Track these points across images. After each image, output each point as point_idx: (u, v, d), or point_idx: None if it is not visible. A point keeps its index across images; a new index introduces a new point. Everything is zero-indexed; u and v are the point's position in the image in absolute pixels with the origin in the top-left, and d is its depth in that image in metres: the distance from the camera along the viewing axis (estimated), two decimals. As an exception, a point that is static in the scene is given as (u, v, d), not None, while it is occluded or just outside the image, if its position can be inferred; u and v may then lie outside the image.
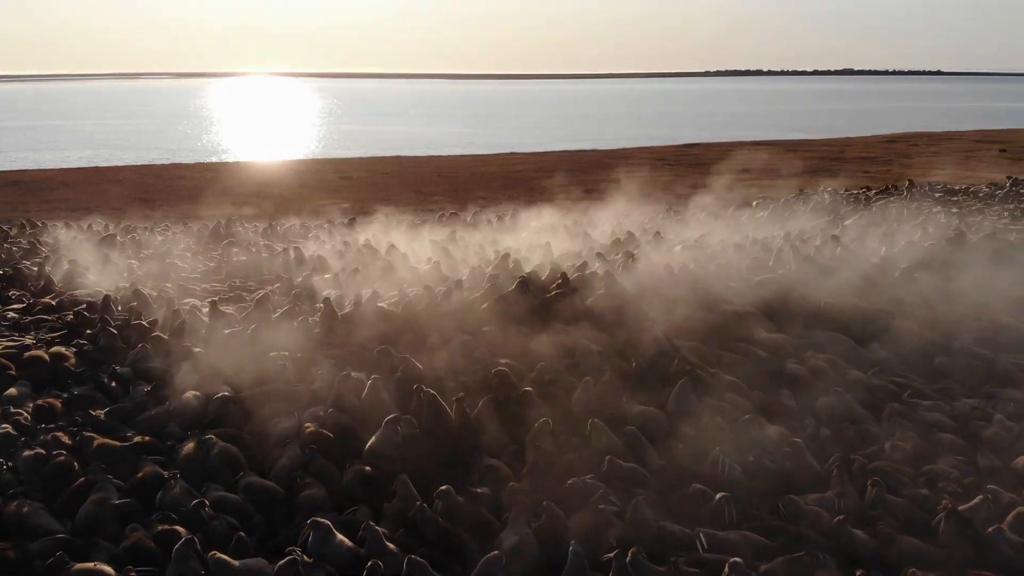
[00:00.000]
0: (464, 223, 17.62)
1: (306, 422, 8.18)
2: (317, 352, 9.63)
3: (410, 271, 12.72)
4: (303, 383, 8.94)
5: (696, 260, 13.12)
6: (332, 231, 16.91)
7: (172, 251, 14.90)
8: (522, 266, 12.50)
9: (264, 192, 26.75)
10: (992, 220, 17.18)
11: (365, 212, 22.05)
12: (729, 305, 11.19)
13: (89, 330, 10.13)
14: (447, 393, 8.71)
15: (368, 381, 8.67)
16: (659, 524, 6.95)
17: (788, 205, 20.29)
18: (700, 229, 16.16)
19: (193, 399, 8.47)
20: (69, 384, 8.88)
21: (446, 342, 10.02)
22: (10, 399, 8.31)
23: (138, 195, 25.76)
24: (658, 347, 9.96)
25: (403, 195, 26.04)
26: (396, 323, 10.46)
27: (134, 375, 9.06)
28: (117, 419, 8.19)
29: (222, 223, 17.07)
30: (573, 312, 10.56)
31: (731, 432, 8.32)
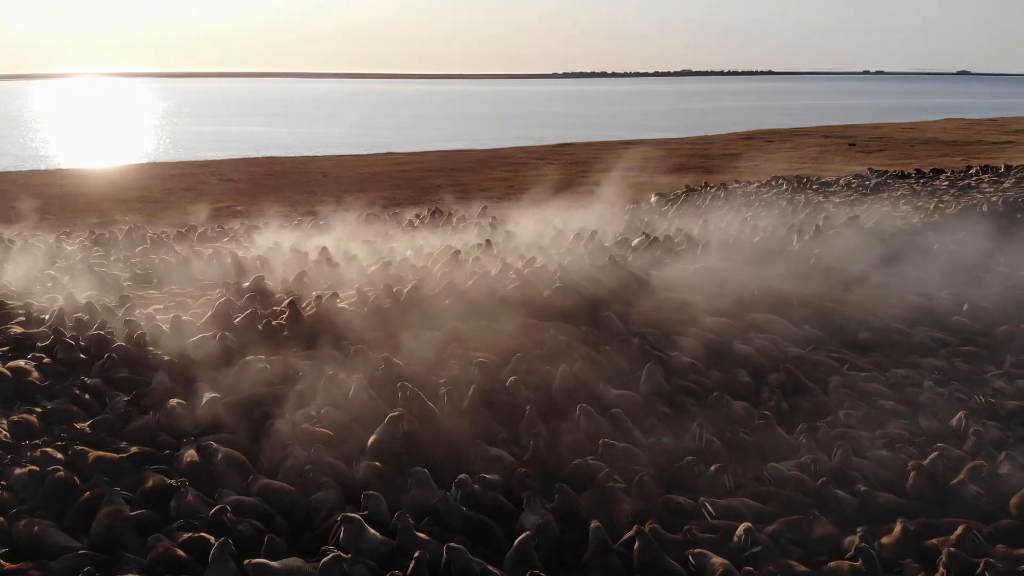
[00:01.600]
0: (384, 222, 17.66)
1: (300, 423, 8.18)
2: (290, 354, 9.57)
3: (358, 271, 12.70)
4: (285, 384, 8.89)
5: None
6: (252, 234, 16.52)
7: (88, 259, 14.21)
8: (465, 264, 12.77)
9: (145, 196, 25.66)
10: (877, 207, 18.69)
11: (263, 215, 21.64)
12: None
13: (41, 343, 9.65)
14: (429, 388, 8.91)
15: (353, 380, 8.74)
16: (664, 496, 7.43)
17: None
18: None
19: (178, 407, 8.29)
20: (37, 399, 8.48)
21: (415, 339, 10.17)
22: (-20, 419, 7.88)
23: (5, 203, 24.11)
24: (618, 334, 10.47)
25: (296, 196, 25.60)
26: (361, 322, 10.50)
27: (106, 386, 8.74)
28: (103, 431, 7.92)
29: (136, 228, 16.37)
30: (541, 306, 10.94)
31: (703, 410, 8.94)
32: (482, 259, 13.21)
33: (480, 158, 38.45)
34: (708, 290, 11.96)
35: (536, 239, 15.10)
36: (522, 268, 12.37)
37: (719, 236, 15.23)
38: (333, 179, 30.45)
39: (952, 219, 16.93)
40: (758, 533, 6.85)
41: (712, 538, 6.88)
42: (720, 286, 12.10)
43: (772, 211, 17.66)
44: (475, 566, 6.40)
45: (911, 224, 16.43)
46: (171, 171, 32.93)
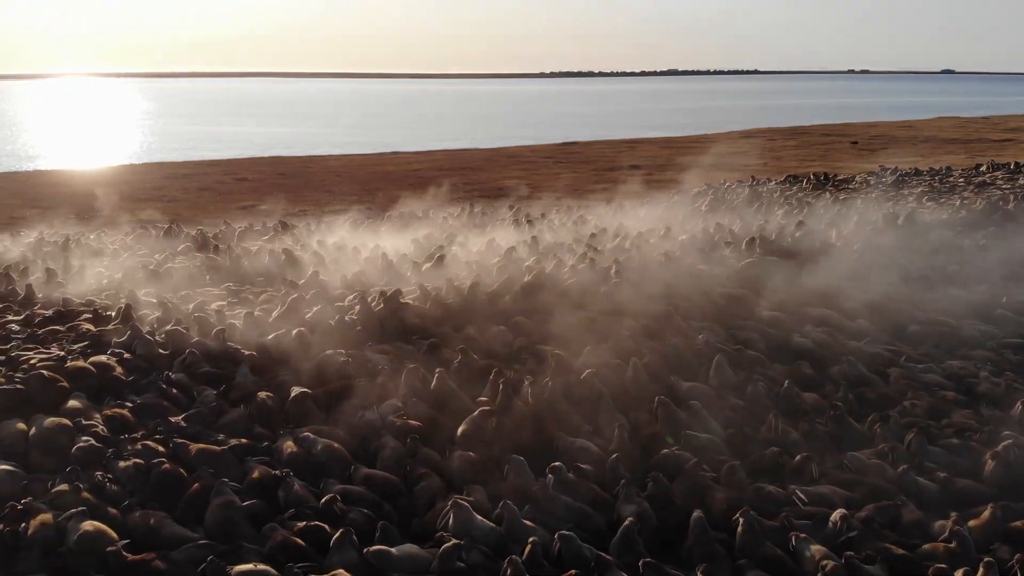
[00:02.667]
0: (419, 220, 17.81)
1: (387, 415, 8.33)
2: (365, 348, 9.70)
3: (411, 268, 12.84)
4: (366, 378, 9.02)
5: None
6: (295, 232, 16.62)
7: (136, 256, 14.31)
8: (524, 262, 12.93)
9: (165, 195, 25.69)
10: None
11: (292, 213, 21.75)
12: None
13: (117, 339, 9.74)
14: (498, 377, 9.05)
15: (435, 373, 8.90)
16: (755, 485, 7.62)
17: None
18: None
19: (268, 400, 8.42)
20: (125, 393, 8.57)
21: (481, 333, 10.33)
22: (75, 411, 7.97)
23: (29, 203, 24.10)
24: (679, 329, 10.66)
25: (316, 195, 25.69)
26: (427, 317, 10.66)
27: (191, 381, 8.85)
28: (198, 424, 8.03)
29: (174, 227, 16.46)
30: (599, 301, 11.12)
31: (775, 400, 9.14)
32: (524, 254, 13.38)
33: (488, 157, 38.60)
34: (758, 284, 12.17)
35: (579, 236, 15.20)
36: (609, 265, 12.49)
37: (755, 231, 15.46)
38: (346, 178, 30.54)
39: (979, 215, 17.23)
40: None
41: (808, 524, 7.06)
42: (768, 281, 12.32)
43: (802, 209, 17.91)
44: (586, 552, 6.56)
45: (940, 220, 16.72)
46: (182, 171, 32.92)
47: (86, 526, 6.39)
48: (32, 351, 9.32)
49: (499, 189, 26.93)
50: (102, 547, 6.25)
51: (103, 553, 6.23)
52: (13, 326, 10.34)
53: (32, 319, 10.64)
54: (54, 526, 6.41)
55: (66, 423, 7.69)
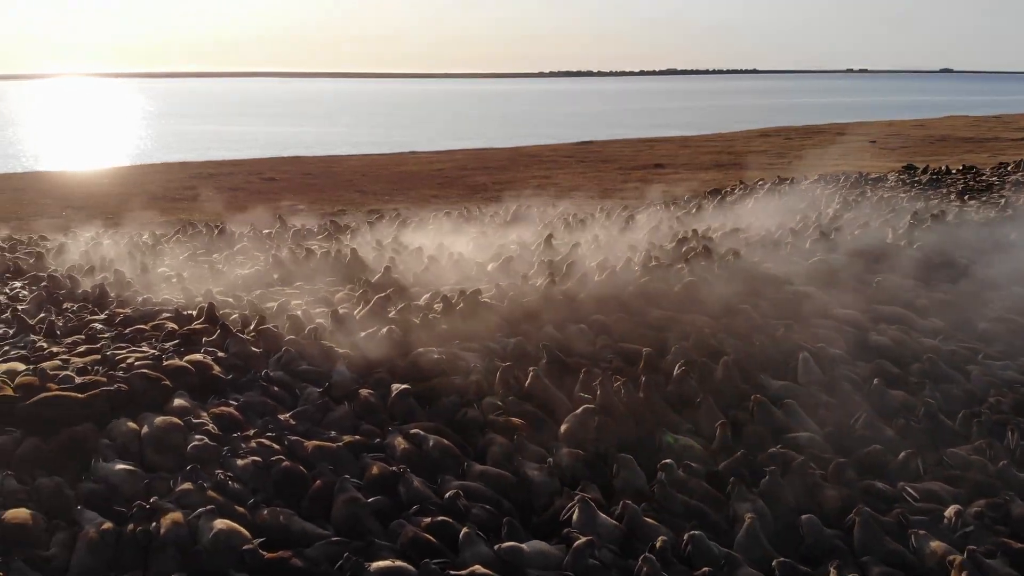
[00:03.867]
0: (466, 219, 17.85)
1: (488, 413, 8.37)
2: (453, 345, 9.74)
3: (476, 267, 12.88)
4: (460, 375, 9.07)
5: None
6: (348, 232, 16.65)
7: (196, 256, 14.35)
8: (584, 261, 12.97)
9: (198, 195, 25.65)
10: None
11: (332, 214, 21.79)
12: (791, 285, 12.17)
13: (207, 338, 9.76)
14: (592, 375, 9.11)
15: (529, 372, 8.95)
16: (865, 482, 7.66)
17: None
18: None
19: (371, 397, 8.46)
20: (226, 391, 8.60)
21: (561, 331, 10.38)
22: (182, 410, 8.00)
23: (62, 202, 24.12)
24: (756, 327, 10.71)
25: (349, 195, 25.71)
26: (508, 315, 10.70)
27: (291, 378, 8.88)
28: (307, 422, 8.06)
29: (228, 227, 16.52)
30: (674, 300, 11.17)
31: (866, 398, 9.20)
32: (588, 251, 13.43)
33: (509, 156, 38.66)
34: (826, 282, 12.23)
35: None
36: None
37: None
38: (373, 178, 30.56)
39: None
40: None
41: (924, 520, 7.11)
42: (836, 278, 12.38)
43: (848, 207, 17.97)
44: (715, 549, 6.60)
45: (988, 217, 16.78)
46: (206, 170, 32.91)
47: (219, 524, 6.41)
48: (125, 351, 9.34)
49: (527, 189, 26.93)
50: (237, 545, 6.28)
51: (239, 551, 6.26)
52: (96, 325, 10.36)
53: (113, 318, 10.66)
54: (186, 525, 6.44)
55: (176, 422, 7.71)
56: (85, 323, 10.50)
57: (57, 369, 8.64)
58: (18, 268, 13.69)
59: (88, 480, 6.96)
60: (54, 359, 9.04)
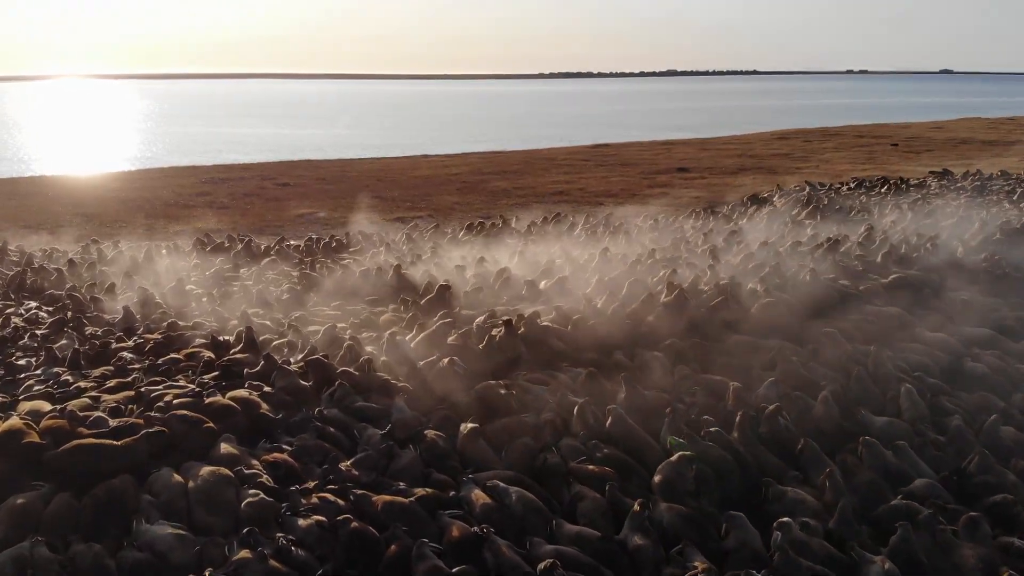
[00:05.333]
0: (500, 231, 16.96)
1: (570, 458, 7.47)
2: (519, 377, 8.85)
3: (527, 286, 11.98)
4: (530, 412, 8.17)
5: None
6: (383, 245, 15.72)
7: (223, 273, 13.43)
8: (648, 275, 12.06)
9: (213, 202, 24.73)
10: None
11: (360, 222, 20.91)
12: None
13: (248, 369, 8.87)
14: (678, 413, 8.23)
15: (609, 411, 8.05)
16: (1000, 539, 6.80)
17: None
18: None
19: (439, 439, 7.56)
20: (276, 434, 7.70)
21: (633, 359, 9.51)
22: (231, 457, 7.09)
23: (73, 209, 23.21)
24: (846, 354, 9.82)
25: (369, 202, 24.73)
26: (571, 341, 9.82)
27: (347, 417, 7.97)
28: (371, 470, 7.16)
29: (249, 238, 15.61)
30: (752, 323, 10.29)
31: (976, 435, 8.33)
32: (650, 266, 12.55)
33: (523, 160, 37.74)
34: (909, 301, 11.36)
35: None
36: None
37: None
38: (389, 183, 29.63)
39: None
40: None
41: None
42: (918, 297, 11.52)
43: (904, 216, 17.08)
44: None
45: (1054, 227, 15.89)
46: (217, 175, 31.94)
47: (288, 604, 5.55)
48: (160, 385, 8.43)
49: (555, 194, 26.07)
50: (313, 627, 5.41)
51: (315, 634, 5.39)
52: (125, 354, 9.44)
53: (143, 346, 9.75)
54: (248, 604, 5.56)
55: (226, 473, 6.80)
56: (112, 351, 9.59)
57: (87, 409, 7.76)
58: (33, 285, 12.79)
59: (131, 547, 6.06)
60: (82, 396, 8.16)
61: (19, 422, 7.27)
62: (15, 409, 7.85)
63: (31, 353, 9.78)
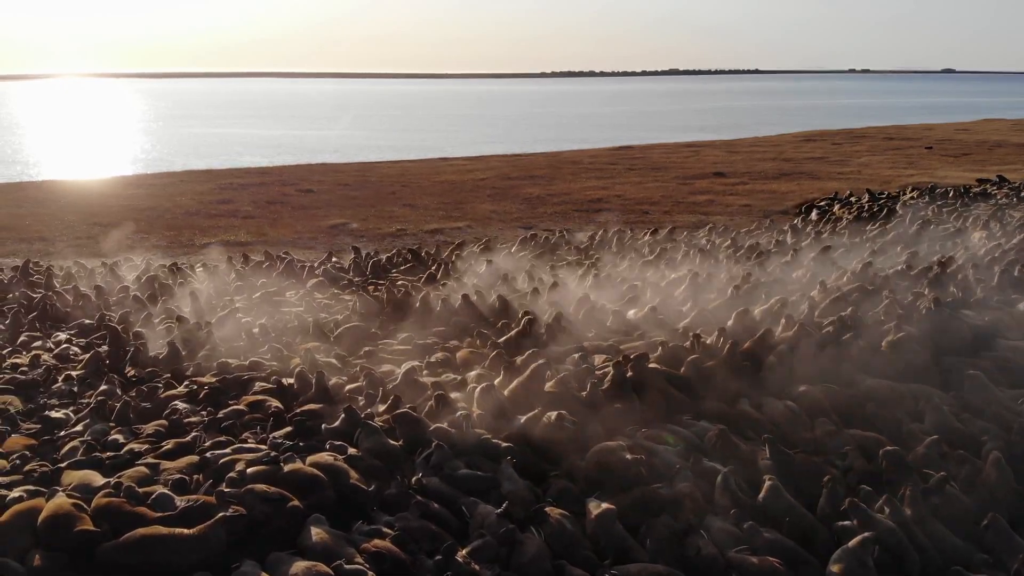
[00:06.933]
0: (566, 246, 15.76)
1: (722, 542, 6.25)
2: (637, 435, 7.61)
3: (612, 316, 10.75)
4: (658, 479, 6.94)
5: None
6: (437, 265, 14.45)
7: (267, 295, 12.18)
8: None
9: (237, 211, 23.42)
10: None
11: (391, 234, 19.71)
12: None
13: (326, 424, 7.63)
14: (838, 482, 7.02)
15: (765, 481, 6.84)
16: None
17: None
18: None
19: (566, 521, 6.32)
20: (372, 514, 6.45)
21: (761, 409, 8.28)
22: (325, 548, 5.84)
23: (90, 219, 21.96)
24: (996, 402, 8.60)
25: (400, 211, 23.58)
26: (683, 384, 8.59)
27: (450, 489, 6.73)
28: (492, 563, 5.92)
29: (295, 259, 14.36)
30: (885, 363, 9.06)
31: None
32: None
33: (548, 163, 36.46)
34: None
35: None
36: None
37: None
38: (416, 189, 28.38)
39: None
40: None
41: None
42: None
43: (996, 229, 15.84)
44: None
45: None
46: (235, 180, 30.67)
47: None
48: (226, 447, 7.19)
49: (593, 202, 24.82)
50: None
51: None
52: (178, 404, 8.19)
53: (197, 393, 8.51)
54: None
55: (324, 571, 5.57)
56: (162, 400, 8.34)
57: (146, 482, 6.52)
58: (59, 312, 11.54)
59: None
60: (137, 463, 6.90)
61: (67, 503, 6.05)
62: (59, 481, 6.61)
63: (67, 401, 8.54)
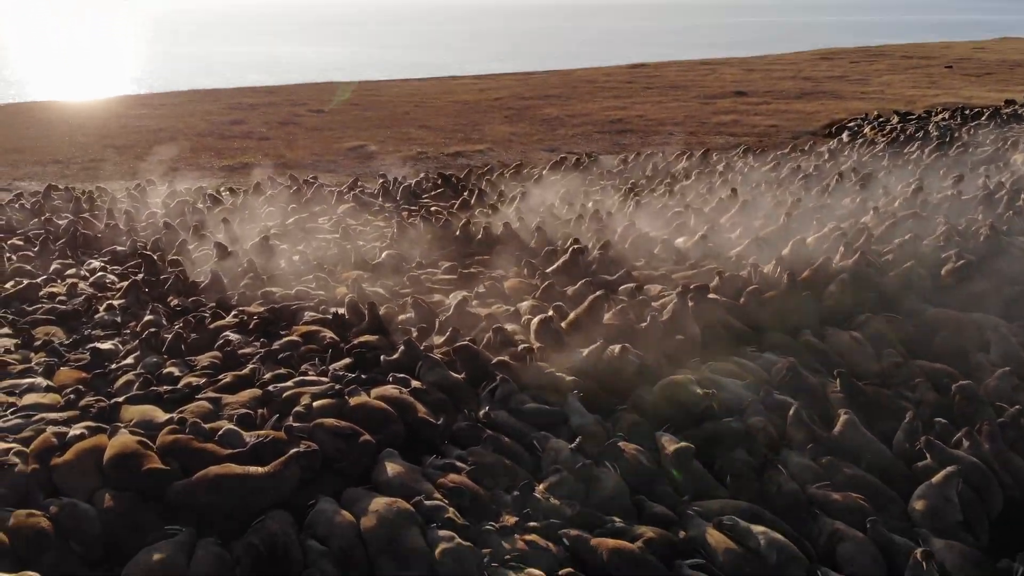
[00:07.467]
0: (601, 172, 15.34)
1: (804, 480, 6.12)
2: (703, 368, 7.41)
3: (660, 244, 10.47)
4: (729, 413, 6.77)
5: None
6: (468, 191, 14.06)
7: (300, 222, 11.88)
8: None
9: (251, 132, 22.80)
10: None
11: (411, 157, 19.26)
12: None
13: (384, 356, 7.44)
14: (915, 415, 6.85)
15: (841, 414, 6.66)
16: None
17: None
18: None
19: (641, 456, 6.16)
20: (443, 446, 6.30)
21: (823, 337, 8.10)
22: (401, 482, 5.67)
23: (102, 140, 21.45)
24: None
25: (416, 133, 23.01)
26: (747, 318, 8.38)
27: (521, 423, 6.56)
28: (571, 499, 5.77)
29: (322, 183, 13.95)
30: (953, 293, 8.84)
31: None
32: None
33: (562, 82, 35.57)
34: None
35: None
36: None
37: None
38: (429, 110, 27.68)
39: None
40: None
41: None
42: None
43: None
44: None
45: None
46: (243, 99, 29.83)
47: None
48: (287, 380, 7.00)
49: (614, 123, 24.22)
50: None
51: None
52: (230, 335, 7.98)
53: (246, 323, 8.28)
54: None
55: (405, 507, 5.42)
56: (212, 332, 8.11)
57: (210, 418, 6.34)
58: (89, 239, 11.26)
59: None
60: (198, 397, 6.72)
61: (131, 440, 5.87)
62: (118, 417, 6.43)
63: (111, 332, 8.32)
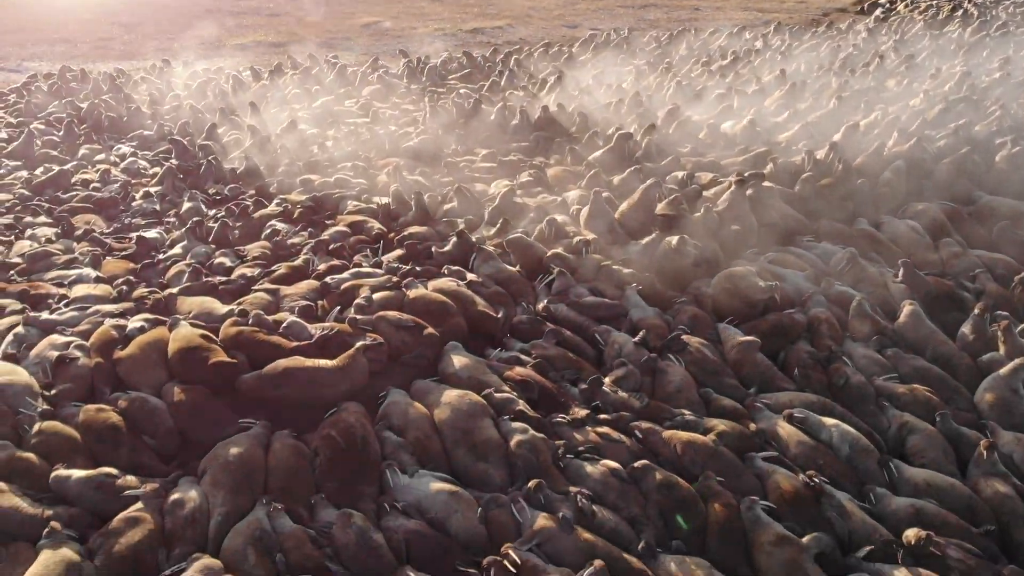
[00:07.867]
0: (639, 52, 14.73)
1: (870, 372, 6.10)
2: (759, 259, 7.28)
3: (705, 128, 10.13)
4: (790, 304, 6.69)
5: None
6: (500, 73, 13.50)
7: (326, 106, 11.48)
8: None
9: (257, 8, 21.99)
10: None
11: (428, 33, 18.55)
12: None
13: (436, 247, 7.28)
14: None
15: (906, 306, 6.56)
16: None
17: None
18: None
19: (706, 350, 6.10)
20: (503, 337, 6.24)
21: (878, 227, 7.92)
22: (472, 376, 5.62)
23: (111, 19, 20.63)
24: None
25: (431, 8, 22.14)
26: (804, 207, 8.20)
27: (581, 317, 6.47)
28: (639, 392, 5.73)
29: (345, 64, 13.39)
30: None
31: None
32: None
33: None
34: None
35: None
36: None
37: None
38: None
39: None
40: None
41: None
42: None
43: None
44: None
45: None
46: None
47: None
48: (343, 272, 6.86)
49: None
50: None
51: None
52: (277, 224, 7.80)
53: (290, 212, 8.10)
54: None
55: (476, 400, 5.36)
56: (256, 221, 7.94)
57: (271, 309, 6.25)
58: (114, 123, 10.91)
59: (395, 512, 4.75)
60: (254, 288, 6.60)
61: (195, 333, 5.78)
62: (175, 309, 6.32)
63: (152, 219, 8.15)
